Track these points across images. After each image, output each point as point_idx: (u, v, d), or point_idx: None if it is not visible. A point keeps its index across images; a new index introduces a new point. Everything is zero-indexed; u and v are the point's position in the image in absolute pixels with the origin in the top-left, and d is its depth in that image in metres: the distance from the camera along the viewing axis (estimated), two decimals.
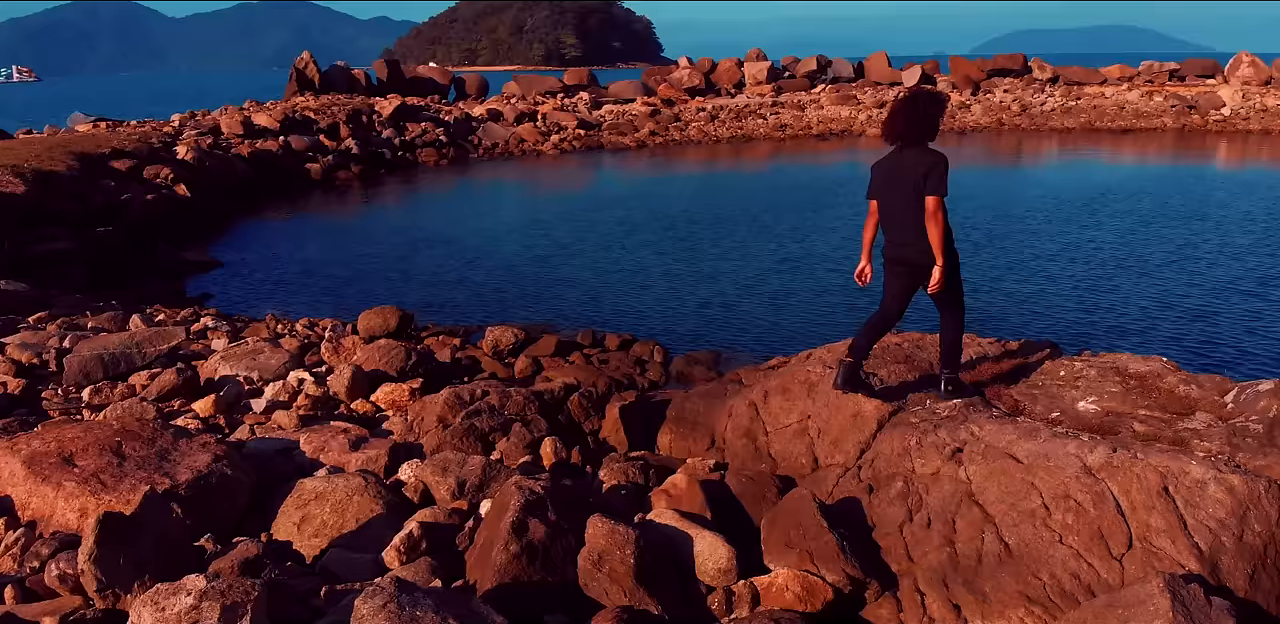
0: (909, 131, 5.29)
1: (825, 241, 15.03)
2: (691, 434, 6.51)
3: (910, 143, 5.31)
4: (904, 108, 5.33)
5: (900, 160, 5.33)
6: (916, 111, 5.29)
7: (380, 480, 5.08)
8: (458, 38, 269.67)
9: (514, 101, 37.55)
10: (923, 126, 5.28)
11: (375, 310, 9.64)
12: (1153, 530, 4.38)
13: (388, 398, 6.92)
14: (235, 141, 24.50)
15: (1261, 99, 37.69)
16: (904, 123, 5.29)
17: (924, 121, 5.28)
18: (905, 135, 5.31)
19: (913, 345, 6.92)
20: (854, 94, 40.02)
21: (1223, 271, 12.30)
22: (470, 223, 18.42)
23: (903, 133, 5.31)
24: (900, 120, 5.30)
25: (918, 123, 5.27)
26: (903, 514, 4.90)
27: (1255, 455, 4.94)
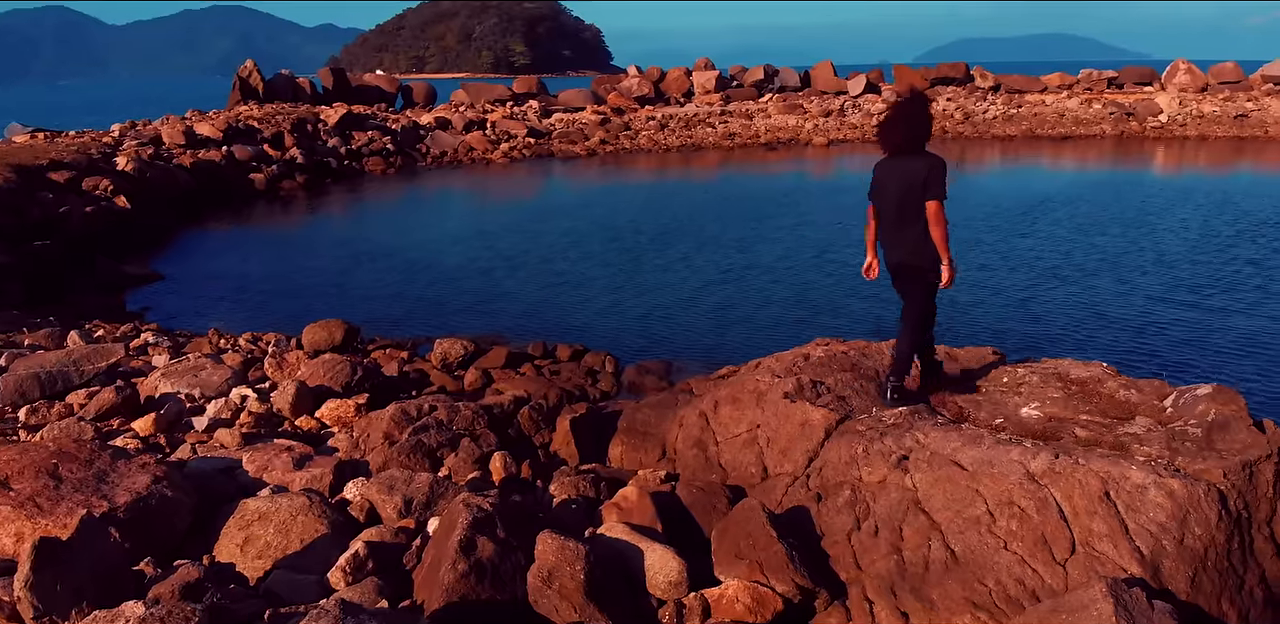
0: (906, 140, 5.39)
1: (771, 252, 15.13)
2: (643, 445, 6.50)
3: (908, 150, 5.39)
4: (897, 117, 5.41)
5: (898, 165, 5.41)
6: (910, 119, 5.39)
7: (325, 499, 5.00)
8: (405, 45, 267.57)
9: (463, 109, 37.35)
10: (918, 132, 5.39)
11: (320, 324, 9.51)
12: (1095, 535, 4.46)
13: (333, 414, 6.82)
14: (177, 152, 24.04)
15: (1198, 105, 38.74)
16: (900, 132, 5.38)
17: (918, 128, 5.39)
18: (903, 144, 5.40)
19: (859, 353, 6.98)
20: (800, 103, 40.42)
21: (1159, 278, 12.60)
22: (418, 233, 18.27)
23: (900, 142, 5.40)
24: (897, 130, 5.39)
25: (913, 129, 5.38)
26: (850, 522, 4.94)
27: (1194, 459, 5.04)
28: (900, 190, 5.38)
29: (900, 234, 5.47)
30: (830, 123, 37.89)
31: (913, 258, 5.46)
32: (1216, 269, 12.94)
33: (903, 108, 5.45)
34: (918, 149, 5.40)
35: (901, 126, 5.38)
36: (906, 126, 5.37)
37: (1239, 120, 37.34)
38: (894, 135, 5.40)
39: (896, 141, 5.40)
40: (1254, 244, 14.87)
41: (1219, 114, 37.87)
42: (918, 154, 5.38)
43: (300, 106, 32.50)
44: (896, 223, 5.48)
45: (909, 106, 5.43)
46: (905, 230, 5.44)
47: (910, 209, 5.37)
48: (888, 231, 5.57)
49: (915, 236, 5.42)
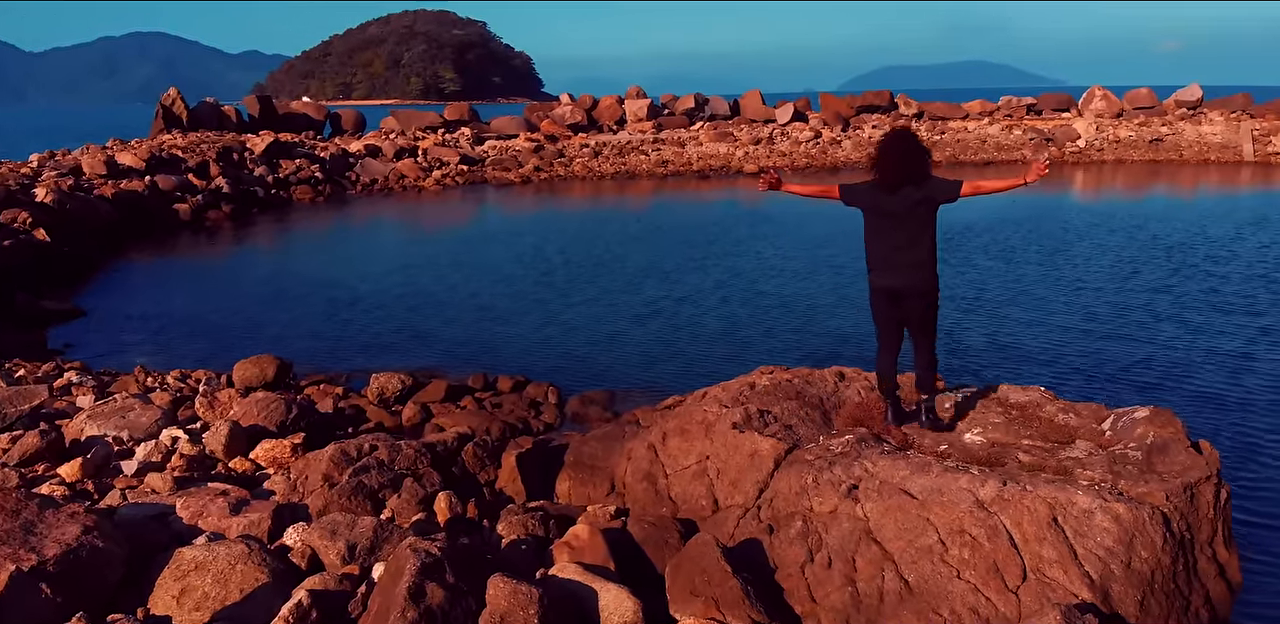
0: (919, 169, 5.42)
1: (704, 280, 15.19)
2: (591, 479, 6.42)
3: (918, 180, 5.42)
4: (914, 148, 5.44)
5: (902, 191, 5.40)
6: (920, 150, 5.46)
7: (264, 546, 4.82)
8: (332, 72, 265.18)
9: (393, 137, 37.01)
10: (926, 160, 5.46)
11: (251, 360, 9.24)
12: (1045, 561, 4.49)
13: (268, 455, 6.60)
14: (98, 182, 23.35)
15: (1114, 131, 40.12)
16: (916, 162, 5.40)
17: (925, 155, 5.48)
18: (916, 173, 5.40)
19: (803, 381, 7.00)
20: (731, 131, 40.91)
21: (1084, 300, 12.92)
22: (348, 263, 17.97)
23: (914, 171, 5.39)
24: (913, 161, 5.40)
25: (926, 159, 5.46)
26: (803, 554, 4.91)
27: (1136, 482, 5.13)
28: (909, 207, 5.43)
29: (911, 253, 5.49)
30: (760, 150, 38.39)
31: (922, 281, 5.54)
32: (1132, 295, 13.32)
33: (908, 140, 5.49)
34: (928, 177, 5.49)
35: (919, 157, 5.44)
36: (921, 156, 5.45)
37: (1154, 144, 38.78)
38: (914, 165, 5.41)
39: (911, 169, 5.40)
40: (1168, 264, 15.37)
41: (1135, 139, 39.28)
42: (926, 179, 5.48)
43: (226, 135, 31.90)
44: (906, 243, 5.49)
45: (913, 139, 5.51)
46: (915, 248, 5.48)
47: (918, 224, 5.46)
48: (893, 253, 5.55)
49: (924, 255, 5.51)
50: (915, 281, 5.58)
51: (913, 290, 5.61)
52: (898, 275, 5.61)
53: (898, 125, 5.96)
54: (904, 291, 5.62)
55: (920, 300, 5.67)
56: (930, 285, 5.63)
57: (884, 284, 5.67)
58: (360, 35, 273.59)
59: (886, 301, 5.73)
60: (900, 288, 5.61)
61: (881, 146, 5.57)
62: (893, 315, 5.79)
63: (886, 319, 5.84)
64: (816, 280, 14.58)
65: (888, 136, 5.60)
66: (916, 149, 5.50)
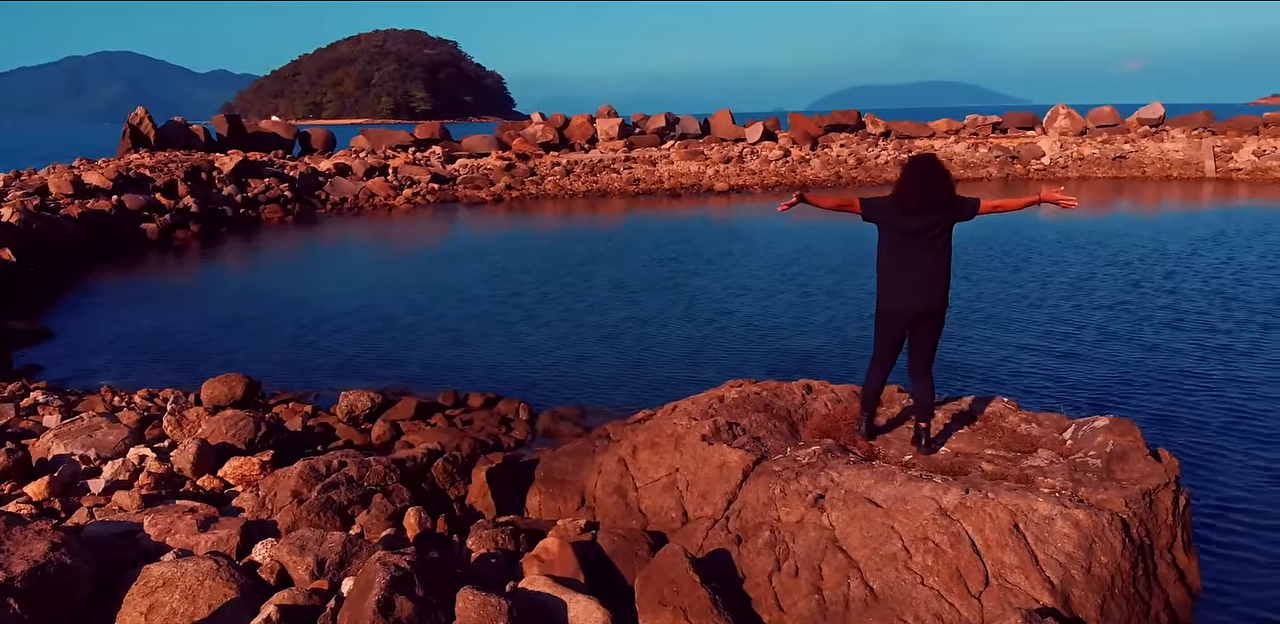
0: (944, 192, 5.45)
1: (677, 297, 15.29)
2: (561, 494, 6.44)
3: (944, 201, 5.47)
4: (931, 172, 5.48)
5: (921, 215, 5.45)
6: (948, 175, 5.54)
7: (233, 562, 4.81)
8: (302, 91, 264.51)
9: (363, 155, 36.96)
10: (951, 184, 5.53)
11: (219, 378, 9.20)
12: (1007, 567, 4.58)
13: (237, 473, 6.57)
14: (65, 202, 23.15)
15: (1078, 148, 40.81)
16: (941, 185, 5.45)
17: (950, 179, 5.54)
18: (940, 196, 5.44)
19: (771, 394, 7.08)
20: (701, 150, 41.20)
21: (1043, 316, 13.11)
22: (316, 283, 17.90)
23: (938, 194, 5.43)
24: (938, 183, 5.44)
25: (947, 180, 5.50)
26: (771, 563, 4.96)
27: (1096, 490, 5.24)
28: (929, 226, 5.48)
29: (931, 273, 5.54)
30: (730, 169, 38.68)
31: (941, 301, 5.61)
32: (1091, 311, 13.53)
33: (935, 164, 5.56)
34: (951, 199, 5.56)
35: (944, 180, 5.49)
36: (946, 180, 5.50)
37: (1117, 161, 39.48)
38: (939, 188, 5.46)
39: (940, 194, 5.45)
40: (1128, 280, 15.65)
41: (1098, 156, 39.97)
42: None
43: (194, 154, 31.71)
44: (927, 262, 5.53)
45: (939, 163, 5.58)
46: (936, 268, 5.54)
47: (939, 243, 5.52)
48: (914, 273, 5.57)
49: (943, 274, 5.58)
50: (935, 302, 5.62)
51: (932, 310, 5.64)
52: (918, 296, 5.60)
53: (924, 151, 5.99)
54: (923, 311, 5.63)
55: (936, 320, 5.71)
56: (945, 305, 5.69)
57: (903, 304, 5.64)
58: (330, 55, 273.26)
59: (901, 321, 5.70)
60: (920, 308, 5.61)
61: (907, 168, 5.59)
62: (902, 335, 5.80)
63: (896, 339, 5.82)
64: (782, 298, 14.70)
65: (914, 159, 5.64)
66: (942, 172, 5.55)
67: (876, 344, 5.88)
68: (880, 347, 5.86)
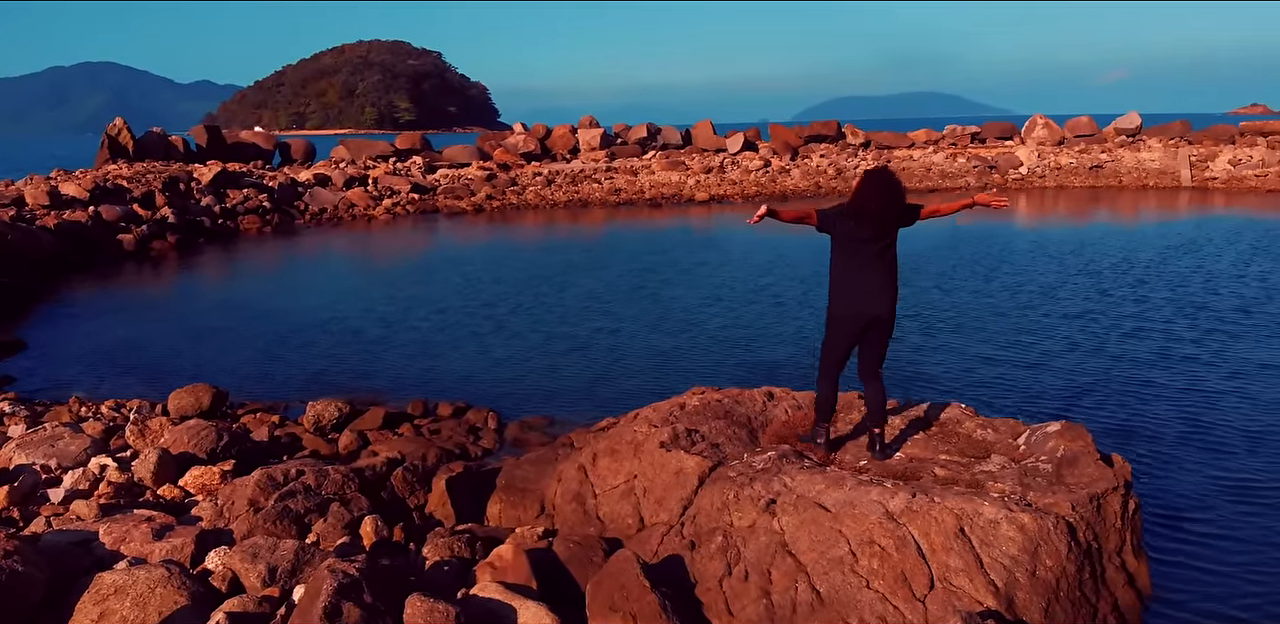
0: (897, 202, 5.65)
1: (652, 304, 15.35)
2: (521, 502, 6.47)
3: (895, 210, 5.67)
4: (888, 182, 5.66)
5: (872, 223, 5.62)
6: (898, 185, 5.70)
7: (185, 570, 4.82)
8: (285, 102, 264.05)
9: (343, 166, 36.93)
10: (904, 195, 5.73)
11: (186, 389, 9.19)
12: (952, 570, 4.63)
13: (197, 482, 6.58)
14: (41, 213, 23.06)
15: (1055, 158, 41.17)
16: (896, 196, 5.63)
17: (904, 192, 5.74)
18: (894, 205, 5.63)
19: (732, 401, 7.13)
20: (683, 160, 41.37)
21: (1011, 324, 13.20)
22: (291, 292, 17.87)
23: (892, 204, 5.62)
24: (894, 194, 5.63)
25: (902, 192, 5.70)
26: (722, 568, 5.01)
27: (1045, 493, 5.31)
28: (879, 234, 5.66)
29: (882, 279, 5.71)
30: (711, 179, 38.85)
31: (891, 306, 5.77)
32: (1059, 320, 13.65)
33: (891, 176, 5.73)
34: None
35: (899, 191, 5.67)
36: (901, 191, 5.68)
37: (1094, 171, 39.85)
38: (894, 198, 5.64)
39: (895, 205, 5.65)
40: (1099, 287, 15.81)
41: (1075, 165, 40.33)
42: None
43: (172, 165, 31.62)
44: (878, 269, 5.70)
45: (894, 176, 5.75)
46: (886, 274, 5.72)
47: (888, 250, 5.73)
48: (866, 279, 5.72)
49: (892, 280, 5.77)
50: (886, 307, 5.76)
51: (883, 316, 5.78)
52: (872, 301, 5.74)
53: (881, 165, 6.28)
54: (875, 317, 5.76)
55: (887, 325, 5.85)
56: (894, 310, 5.85)
57: (857, 310, 5.76)
58: (314, 65, 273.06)
59: (855, 327, 5.81)
60: (872, 313, 5.75)
61: (866, 178, 5.74)
62: (855, 341, 5.91)
63: (849, 345, 5.92)
64: (754, 309, 14.77)
65: (871, 171, 5.80)
66: (898, 183, 5.73)
67: (826, 353, 5.96)
68: (831, 355, 5.94)
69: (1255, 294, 15.01)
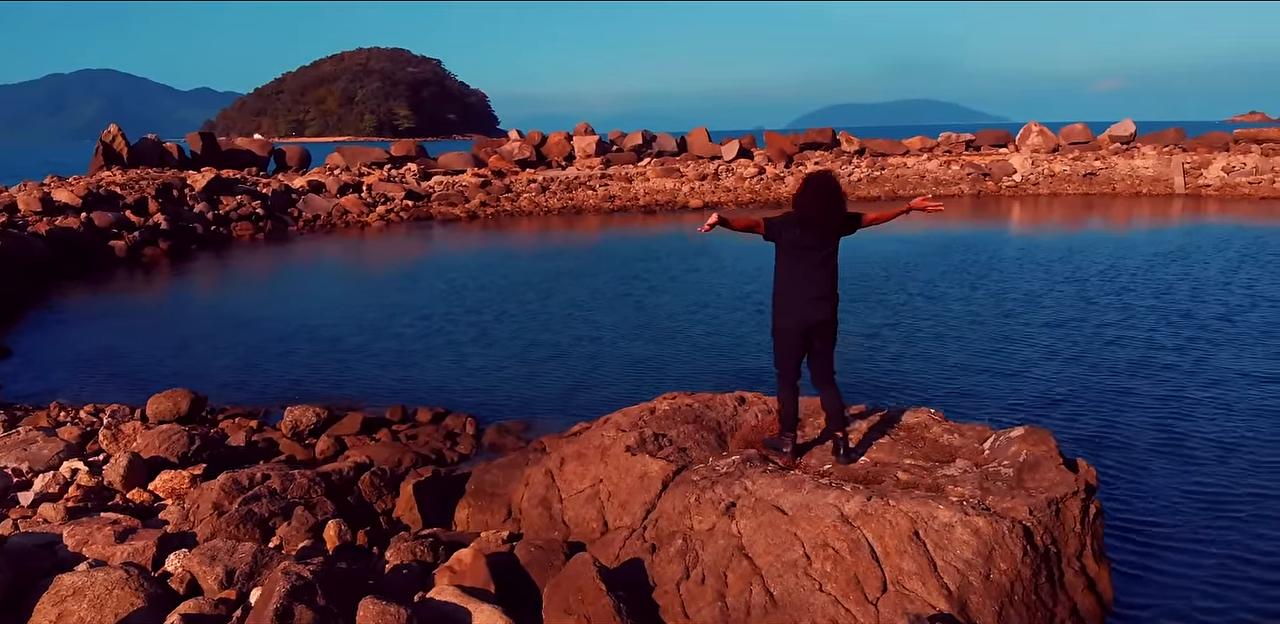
0: (837, 208, 5.76)
1: (637, 311, 15.39)
2: (489, 506, 6.49)
3: (836, 216, 5.78)
4: (827, 189, 5.77)
5: (816, 230, 5.74)
6: (837, 190, 5.82)
7: (144, 572, 4.84)
8: (284, 109, 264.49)
9: (338, 173, 37.01)
10: (843, 201, 5.84)
11: (165, 394, 9.21)
12: (905, 573, 4.66)
13: (167, 486, 6.60)
14: (33, 219, 23.11)
15: (1049, 165, 41.26)
16: (835, 201, 5.75)
17: (843, 197, 5.85)
18: (834, 211, 5.75)
19: (703, 405, 7.17)
20: (677, 167, 41.46)
21: (993, 332, 13.20)
22: (278, 299, 17.90)
23: (833, 209, 5.74)
24: (833, 199, 5.75)
25: (841, 197, 5.81)
26: (680, 571, 5.03)
27: (1003, 498, 5.34)
28: (823, 241, 5.77)
29: (825, 286, 5.82)
30: (706, 186, 38.94)
31: (833, 311, 5.89)
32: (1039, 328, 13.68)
33: (830, 181, 5.84)
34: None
35: (837, 196, 5.79)
36: (840, 196, 5.80)
37: (1088, 178, 39.93)
38: (833, 204, 5.75)
39: (834, 209, 5.76)
40: (1084, 295, 15.85)
41: (1069, 173, 40.41)
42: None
43: (166, 172, 31.69)
44: (822, 276, 5.81)
45: (834, 180, 5.87)
46: (829, 281, 5.83)
47: (831, 257, 5.84)
48: (810, 286, 5.81)
49: (834, 287, 5.88)
50: (828, 312, 5.87)
51: (825, 320, 5.89)
52: (814, 308, 5.84)
53: (820, 169, 6.38)
54: (817, 322, 5.86)
55: (830, 330, 5.96)
56: (836, 315, 5.97)
57: (801, 317, 5.85)
58: (313, 72, 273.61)
59: (798, 333, 5.90)
60: (815, 319, 5.85)
61: (806, 184, 5.86)
62: (802, 347, 5.99)
63: (798, 352, 6.00)
64: (737, 316, 14.80)
65: (811, 176, 5.91)
66: (837, 188, 5.84)
67: (779, 361, 6.04)
68: (784, 363, 6.02)
69: (1240, 302, 15.03)
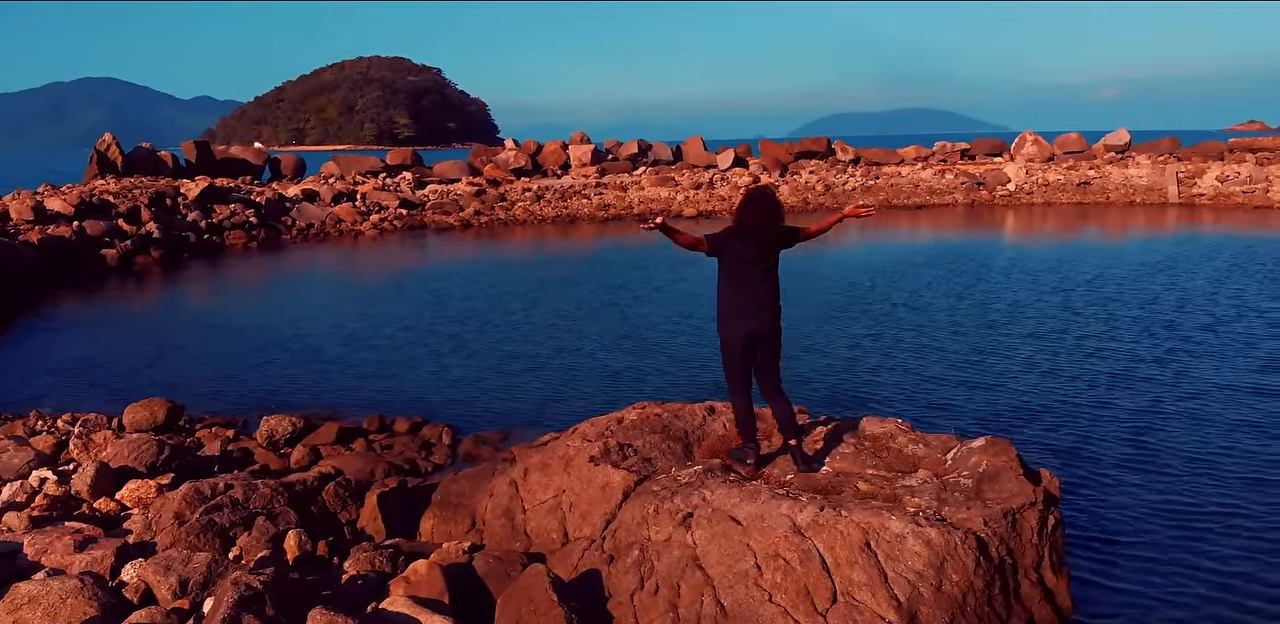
0: (776, 221, 5.89)
1: (620, 322, 15.41)
2: (454, 517, 6.50)
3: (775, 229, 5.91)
4: (774, 201, 5.95)
5: (758, 244, 5.85)
6: (776, 204, 5.96)
7: (100, 582, 4.86)
8: (284, 117, 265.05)
9: (332, 181, 37.08)
10: (782, 214, 5.98)
11: (142, 403, 9.23)
12: (855, 584, 4.67)
13: (134, 495, 6.62)
14: (25, 228, 23.19)
15: (1043, 174, 41.35)
16: (775, 215, 5.89)
17: (781, 210, 5.99)
18: (774, 224, 5.88)
19: (672, 415, 7.17)
20: (673, 176, 41.56)
21: (975, 343, 13.19)
22: (265, 308, 17.94)
23: (773, 223, 5.87)
24: (773, 213, 5.88)
25: (779, 210, 5.95)
26: (635, 582, 5.04)
27: (959, 509, 5.35)
28: (764, 254, 5.89)
29: (768, 298, 5.94)
30: (700, 195, 39.02)
31: (776, 323, 6.00)
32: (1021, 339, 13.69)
33: (769, 196, 5.99)
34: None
35: (777, 210, 5.93)
36: (779, 210, 5.94)
37: (1082, 187, 40.01)
38: (773, 217, 5.88)
39: (775, 222, 5.89)
40: (1069, 307, 15.88)
41: (1063, 182, 40.51)
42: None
43: (160, 180, 31.76)
44: (765, 289, 5.92)
45: (773, 195, 6.03)
46: (772, 293, 5.95)
47: (773, 270, 5.96)
48: (754, 299, 5.92)
49: (777, 299, 6.00)
50: (770, 323, 5.99)
51: (769, 331, 6.00)
52: (756, 319, 5.95)
53: (759, 185, 6.54)
54: (761, 333, 5.96)
55: (774, 341, 6.06)
56: (780, 326, 6.08)
57: (746, 329, 5.95)
58: (314, 81, 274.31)
59: (743, 345, 5.99)
60: (758, 330, 5.95)
61: (747, 200, 5.98)
62: (748, 358, 6.07)
63: (744, 363, 6.08)
64: None
65: (751, 192, 6.02)
66: (775, 204, 5.98)
67: (727, 372, 6.10)
68: (733, 375, 6.07)
69: (1226, 312, 15.02)
